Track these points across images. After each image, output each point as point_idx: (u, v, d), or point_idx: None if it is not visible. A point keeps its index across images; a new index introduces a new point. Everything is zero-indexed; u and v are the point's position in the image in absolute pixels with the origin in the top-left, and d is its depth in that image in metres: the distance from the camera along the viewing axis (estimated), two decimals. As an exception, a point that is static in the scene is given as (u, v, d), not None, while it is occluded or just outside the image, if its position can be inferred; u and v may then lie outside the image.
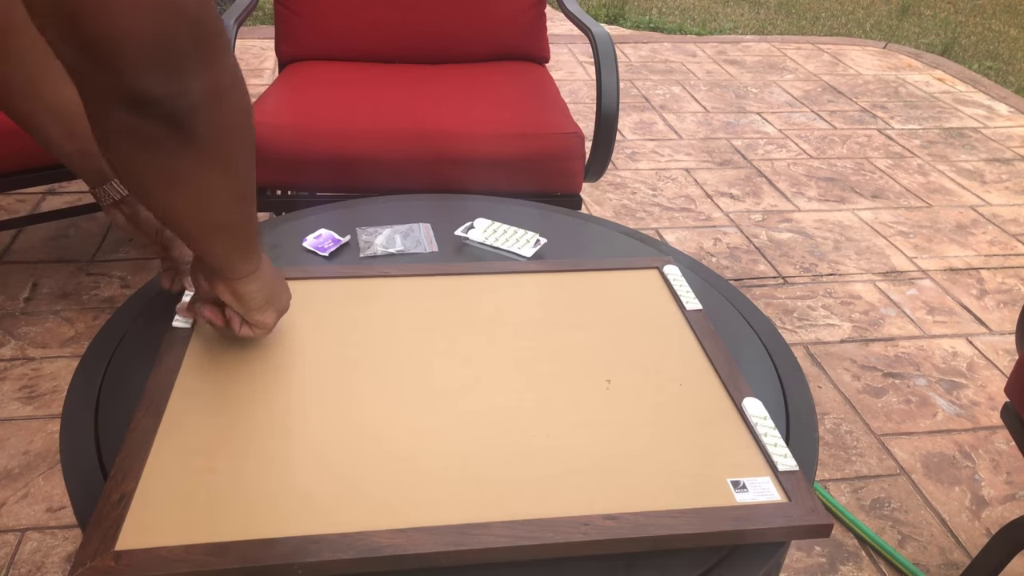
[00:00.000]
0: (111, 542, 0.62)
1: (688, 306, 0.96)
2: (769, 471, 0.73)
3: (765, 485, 0.71)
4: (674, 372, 0.86)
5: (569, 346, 0.88)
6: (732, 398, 0.82)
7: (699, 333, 0.91)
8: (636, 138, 2.90)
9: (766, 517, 0.68)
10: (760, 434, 0.76)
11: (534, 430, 0.76)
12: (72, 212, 1.88)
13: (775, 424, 0.81)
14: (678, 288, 0.99)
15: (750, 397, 0.81)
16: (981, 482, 1.56)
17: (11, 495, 1.40)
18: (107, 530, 0.63)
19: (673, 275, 1.02)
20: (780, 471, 0.72)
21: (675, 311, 0.96)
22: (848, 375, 1.81)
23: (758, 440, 0.76)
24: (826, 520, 0.67)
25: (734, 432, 0.78)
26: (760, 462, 0.74)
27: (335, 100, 1.65)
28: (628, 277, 1.02)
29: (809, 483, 0.72)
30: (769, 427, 0.77)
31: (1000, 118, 3.27)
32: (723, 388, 0.83)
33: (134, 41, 0.49)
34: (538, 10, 1.96)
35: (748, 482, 0.71)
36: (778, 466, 0.73)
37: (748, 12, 4.62)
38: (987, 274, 2.23)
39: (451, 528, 0.65)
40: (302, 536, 0.64)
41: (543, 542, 0.64)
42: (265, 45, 3.52)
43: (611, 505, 0.68)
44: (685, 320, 0.94)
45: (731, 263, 2.20)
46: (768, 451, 0.74)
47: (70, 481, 0.73)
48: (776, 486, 0.71)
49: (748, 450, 0.75)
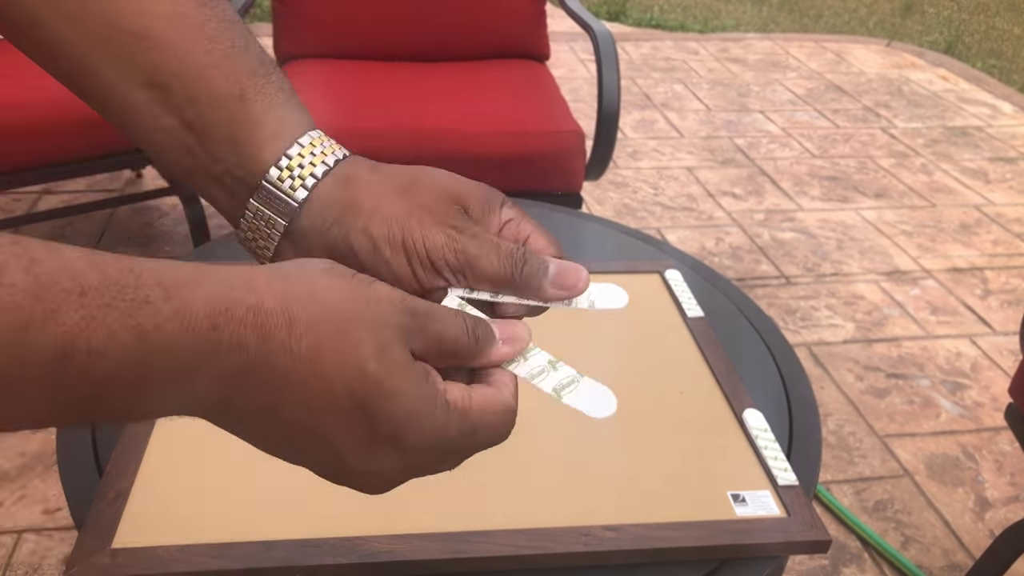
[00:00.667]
0: (107, 540, 0.62)
1: (690, 313, 0.95)
2: (769, 485, 0.73)
3: (764, 499, 0.71)
4: (675, 381, 0.85)
5: (569, 354, 0.87)
6: (733, 409, 0.81)
7: (700, 342, 0.91)
8: (637, 136, 2.89)
9: (765, 532, 0.68)
10: (760, 447, 0.76)
11: (535, 440, 0.76)
12: (69, 211, 1.87)
13: (778, 425, 0.81)
14: (680, 294, 0.98)
15: (751, 408, 0.81)
16: (985, 483, 1.54)
17: (7, 496, 1.39)
18: (103, 528, 0.63)
19: (675, 280, 1.01)
20: (780, 485, 0.72)
21: (676, 318, 0.95)
22: (851, 376, 1.80)
23: (758, 453, 0.76)
24: (824, 536, 0.68)
25: (734, 444, 0.77)
26: (760, 475, 0.74)
27: (334, 99, 1.64)
28: (629, 282, 1.01)
29: (809, 497, 0.72)
30: (769, 440, 0.77)
31: (1004, 117, 3.26)
32: (724, 398, 0.83)
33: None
34: (538, 7, 1.95)
35: (748, 495, 0.71)
36: (778, 480, 0.73)
37: (750, 9, 4.60)
38: (991, 274, 2.22)
39: (451, 535, 0.65)
40: (301, 539, 0.63)
41: (543, 552, 0.64)
42: (263, 43, 3.52)
43: (612, 516, 0.68)
44: (687, 328, 0.93)
45: (733, 263, 2.19)
46: (768, 464, 0.74)
47: (67, 482, 0.72)
48: (776, 500, 0.71)
49: (748, 463, 0.75)
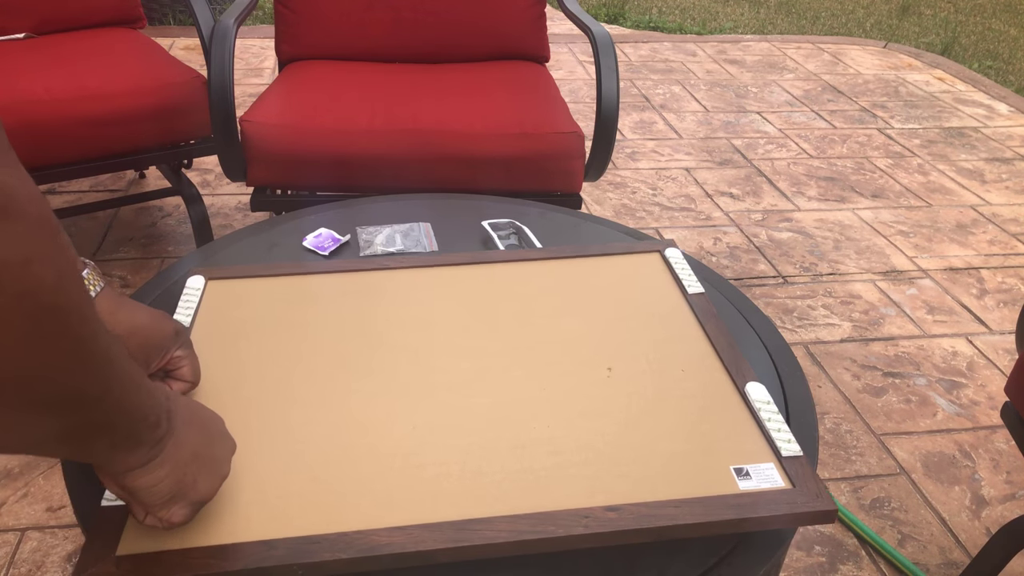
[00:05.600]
0: (112, 548, 0.62)
1: (690, 290, 0.95)
2: (773, 457, 0.71)
3: (769, 472, 0.70)
4: (676, 358, 0.84)
5: (569, 334, 0.88)
6: (735, 383, 0.80)
7: (701, 317, 0.90)
8: (636, 137, 2.90)
9: (770, 504, 0.66)
10: (763, 419, 0.75)
11: (534, 421, 0.76)
12: (73, 211, 1.88)
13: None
14: (680, 271, 0.98)
15: (753, 382, 0.80)
16: (981, 482, 1.55)
17: (11, 494, 1.40)
18: (108, 536, 0.62)
19: (675, 258, 1.01)
20: (784, 457, 0.71)
21: (677, 295, 0.95)
22: (848, 375, 1.81)
23: (761, 425, 0.75)
24: (830, 506, 0.66)
25: (737, 418, 0.76)
26: (763, 448, 0.73)
27: (335, 100, 1.65)
28: (629, 262, 1.01)
29: (813, 468, 0.72)
30: (772, 412, 0.76)
31: (1000, 117, 3.27)
32: (725, 373, 0.82)
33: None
34: (538, 9, 1.96)
35: (751, 469, 0.70)
36: (782, 452, 0.71)
37: (748, 11, 4.61)
38: (987, 273, 2.23)
39: (451, 524, 0.64)
40: (301, 536, 0.63)
41: (544, 536, 0.64)
42: (265, 44, 3.52)
43: (612, 496, 0.67)
44: (687, 304, 0.93)
45: (731, 263, 2.20)
46: (771, 436, 0.73)
47: (70, 480, 0.73)
48: (780, 472, 0.70)
49: (751, 436, 0.74)
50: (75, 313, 0.41)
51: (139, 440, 0.52)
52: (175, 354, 0.72)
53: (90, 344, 0.43)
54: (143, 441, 0.52)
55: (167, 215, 2.25)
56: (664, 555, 0.68)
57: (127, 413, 0.49)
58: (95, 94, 1.65)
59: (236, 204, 2.33)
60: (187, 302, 0.90)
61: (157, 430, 0.53)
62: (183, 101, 1.73)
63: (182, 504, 0.58)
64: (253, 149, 1.55)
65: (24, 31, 1.94)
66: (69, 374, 0.42)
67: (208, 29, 1.80)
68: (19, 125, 1.57)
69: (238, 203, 2.34)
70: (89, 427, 0.47)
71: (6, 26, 1.92)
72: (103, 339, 0.44)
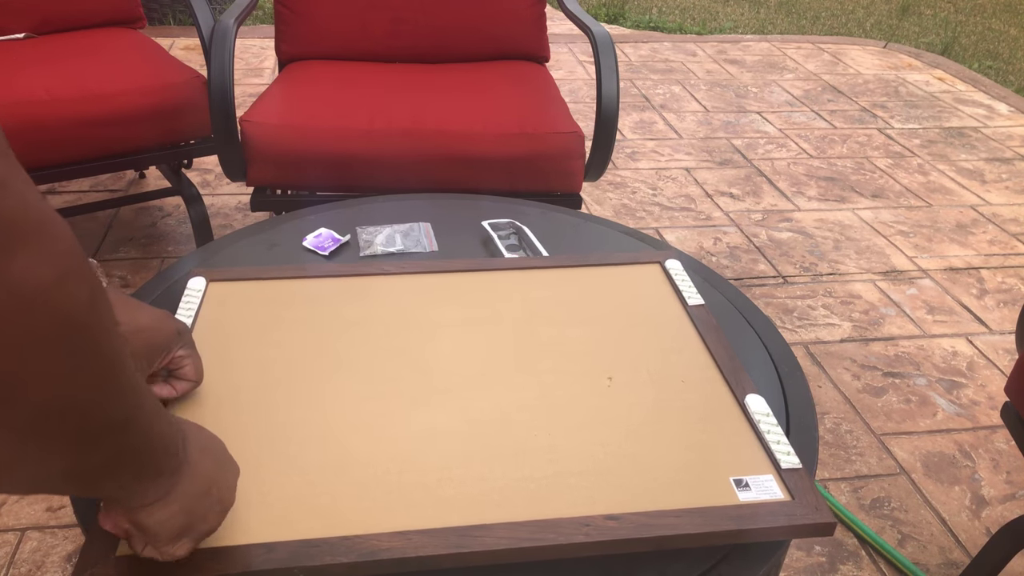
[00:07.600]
0: (112, 548, 0.62)
1: (690, 301, 0.95)
2: (772, 469, 0.72)
3: (768, 483, 0.70)
4: (676, 369, 0.85)
5: (570, 343, 0.88)
6: (735, 394, 0.81)
7: (701, 329, 0.91)
8: (636, 137, 2.90)
9: (769, 516, 0.67)
10: (763, 431, 0.76)
11: (535, 429, 0.76)
12: (73, 211, 1.88)
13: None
14: (680, 283, 0.98)
15: (753, 394, 0.81)
16: (981, 481, 1.56)
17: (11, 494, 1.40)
18: (108, 536, 0.62)
19: (675, 270, 1.01)
20: (783, 469, 0.71)
21: (677, 306, 0.95)
22: (848, 374, 1.81)
23: (761, 437, 0.75)
24: (829, 519, 0.67)
25: (736, 429, 0.77)
26: (763, 459, 0.73)
27: (335, 100, 1.65)
28: (630, 272, 1.02)
29: (812, 478, 0.72)
30: (772, 424, 0.77)
31: (1000, 117, 3.27)
32: (725, 384, 0.83)
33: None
34: (538, 9, 1.96)
35: (751, 480, 0.71)
36: (781, 464, 0.72)
37: (748, 11, 4.61)
38: (987, 273, 2.23)
39: (452, 530, 0.65)
40: (302, 540, 0.63)
41: (544, 543, 0.64)
42: (265, 44, 3.52)
43: (613, 505, 0.68)
44: (687, 316, 0.94)
45: (731, 263, 2.20)
46: (771, 448, 0.74)
47: (70, 481, 0.73)
48: (779, 484, 0.70)
49: (751, 447, 0.75)
50: (105, 334, 0.40)
51: (160, 469, 0.50)
52: (178, 353, 0.73)
53: (119, 368, 0.41)
54: (163, 470, 0.51)
55: (167, 215, 2.25)
56: (664, 556, 0.68)
57: (151, 440, 0.47)
58: (95, 94, 1.65)
59: (236, 204, 2.33)
60: (188, 304, 0.90)
61: (175, 458, 0.52)
62: (183, 101, 1.73)
63: (189, 538, 0.57)
64: (253, 149, 1.55)
65: (24, 31, 1.94)
66: (101, 400, 0.40)
67: (208, 29, 1.80)
68: (19, 125, 1.57)
69: (238, 203, 2.34)
70: (117, 456, 0.45)
71: (6, 26, 1.92)
72: (129, 363, 0.43)
